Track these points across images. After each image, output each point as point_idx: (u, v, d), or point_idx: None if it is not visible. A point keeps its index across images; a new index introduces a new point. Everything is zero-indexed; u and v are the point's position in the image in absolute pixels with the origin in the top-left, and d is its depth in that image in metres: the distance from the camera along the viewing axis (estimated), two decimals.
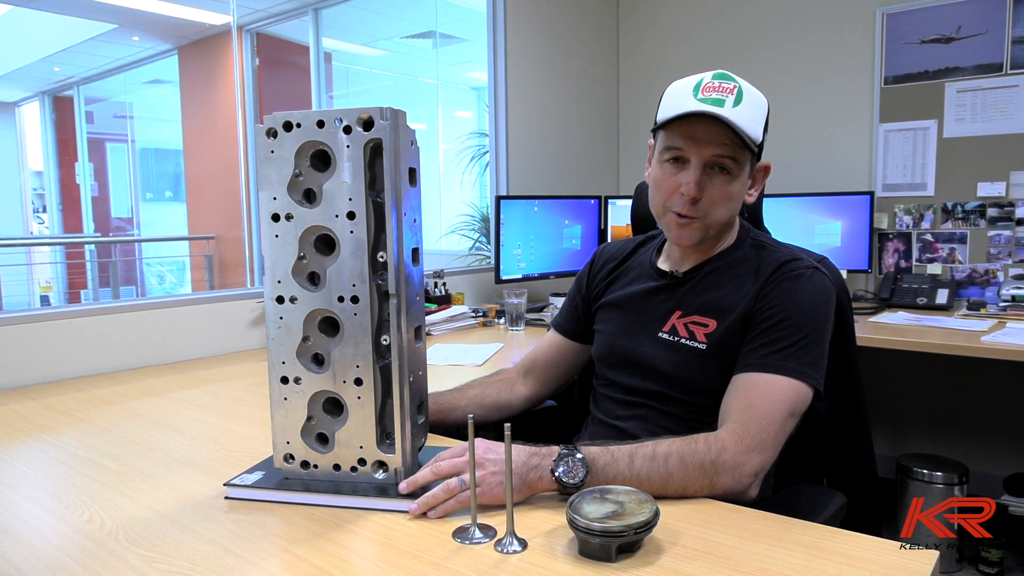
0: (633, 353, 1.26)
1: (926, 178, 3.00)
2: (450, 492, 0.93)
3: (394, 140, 0.94)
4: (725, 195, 1.16)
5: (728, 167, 1.14)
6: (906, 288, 2.91)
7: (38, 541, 0.91)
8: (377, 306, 0.98)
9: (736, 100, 1.11)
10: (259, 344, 2.20)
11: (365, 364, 0.97)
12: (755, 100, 1.15)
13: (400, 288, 0.97)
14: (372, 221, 0.97)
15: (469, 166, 4.88)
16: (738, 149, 1.13)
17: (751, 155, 1.16)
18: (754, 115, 1.13)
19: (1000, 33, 2.80)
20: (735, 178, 1.15)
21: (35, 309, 1.88)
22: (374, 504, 0.96)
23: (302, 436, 1.01)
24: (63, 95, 8.17)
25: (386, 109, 0.94)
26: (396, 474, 0.98)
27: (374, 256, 0.97)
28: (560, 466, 0.95)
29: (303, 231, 0.98)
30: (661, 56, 3.66)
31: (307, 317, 0.99)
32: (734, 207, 1.19)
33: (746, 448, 1.00)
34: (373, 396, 0.98)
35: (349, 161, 0.95)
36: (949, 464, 2.56)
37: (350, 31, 6.06)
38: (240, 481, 1.03)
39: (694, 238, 1.20)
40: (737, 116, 1.10)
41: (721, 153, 1.13)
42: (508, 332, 2.51)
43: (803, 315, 1.12)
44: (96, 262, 7.21)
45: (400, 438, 0.98)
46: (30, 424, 1.45)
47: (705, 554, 0.82)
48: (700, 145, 1.13)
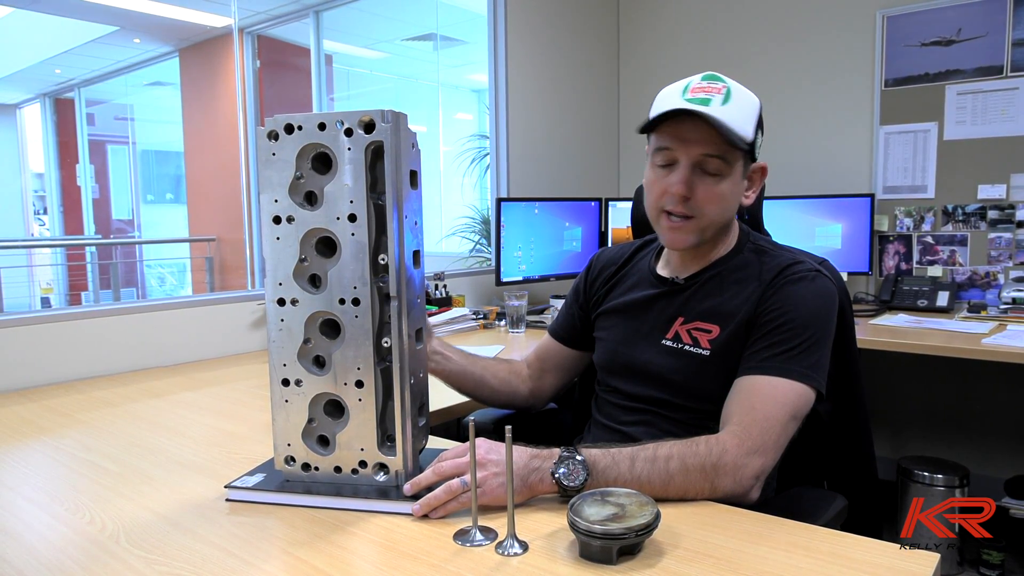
0: (636, 361, 1.26)
1: (926, 180, 3.00)
2: (452, 493, 0.93)
3: (395, 143, 0.94)
4: (715, 195, 1.15)
5: (716, 166, 1.14)
6: (907, 290, 2.91)
7: (39, 543, 0.91)
8: (378, 308, 0.98)
9: (724, 99, 1.11)
10: (260, 346, 2.20)
11: (366, 366, 0.98)
12: (745, 100, 1.15)
13: (401, 290, 0.97)
14: (373, 223, 0.97)
15: (470, 168, 4.88)
16: (726, 148, 1.13)
17: (742, 154, 1.15)
18: (744, 114, 1.13)
19: (1000, 35, 2.80)
20: (725, 178, 1.15)
21: (36, 311, 1.88)
22: (375, 506, 0.96)
23: (303, 438, 1.01)
24: (64, 97, 8.17)
25: (387, 112, 0.94)
26: (397, 476, 0.98)
27: (375, 258, 0.97)
28: (561, 468, 0.95)
29: (304, 233, 0.98)
30: (661, 58, 3.67)
31: (308, 319, 0.99)
32: (727, 208, 1.19)
33: (747, 451, 1.00)
34: (374, 398, 0.98)
35: (350, 164, 0.95)
36: (950, 466, 2.56)
37: (351, 33, 6.07)
38: (241, 483, 1.03)
39: (688, 241, 1.19)
40: (724, 114, 1.10)
41: (708, 152, 1.13)
42: (509, 334, 2.51)
43: (806, 318, 1.12)
44: (97, 264, 7.21)
45: (401, 440, 0.98)
46: (31, 426, 1.45)
47: (706, 556, 0.82)
48: (688, 144, 1.13)
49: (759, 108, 1.17)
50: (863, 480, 1.38)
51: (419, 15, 5.90)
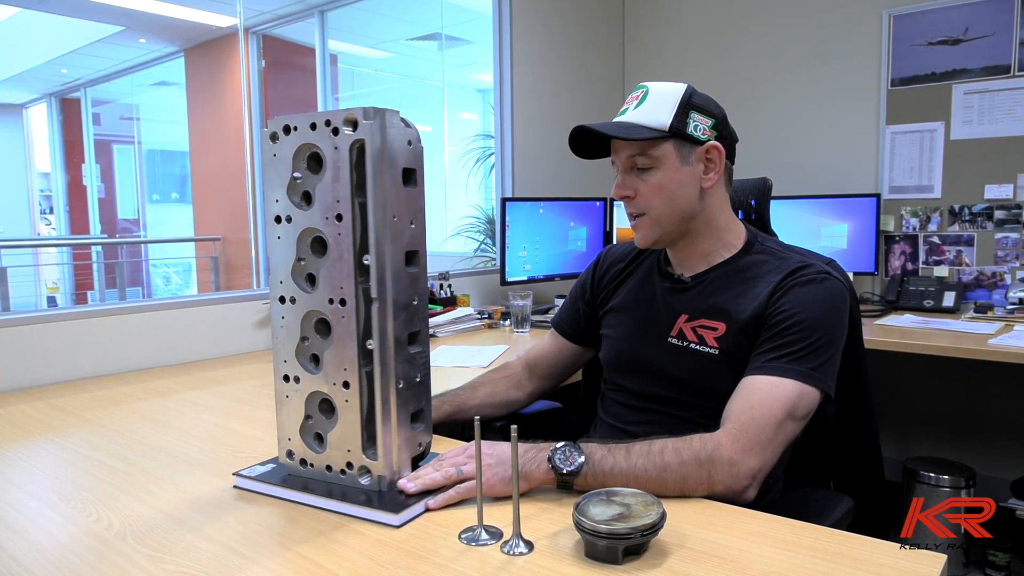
0: (641, 358, 1.26)
1: (933, 180, 2.99)
2: (448, 479, 0.96)
3: (379, 140, 0.92)
4: (654, 187, 1.21)
5: (643, 162, 1.21)
6: (913, 291, 2.90)
7: (46, 541, 0.91)
8: (363, 310, 0.96)
9: (639, 103, 1.21)
10: (265, 345, 2.20)
11: (351, 368, 0.96)
12: (661, 93, 1.20)
13: (383, 292, 0.94)
14: (359, 223, 0.95)
15: (474, 168, 4.88)
16: (644, 145, 1.19)
17: (671, 142, 1.19)
18: (657, 107, 1.19)
19: (1008, 35, 2.79)
20: (657, 169, 1.20)
21: (42, 310, 1.88)
22: (355, 511, 0.94)
23: (301, 434, 1.02)
24: (70, 97, 8.20)
25: (370, 109, 0.91)
26: (379, 481, 0.97)
27: (361, 259, 0.95)
28: (557, 455, 0.97)
29: (300, 233, 0.98)
30: (667, 57, 3.66)
31: (304, 318, 1.00)
32: (673, 196, 1.21)
33: (742, 447, 1.00)
34: (359, 400, 0.97)
35: (337, 163, 0.94)
36: (956, 467, 2.55)
37: (356, 33, 6.08)
38: (249, 472, 1.06)
39: (648, 237, 1.25)
40: (634, 116, 1.19)
41: (631, 153, 1.21)
42: (513, 334, 2.51)
43: (815, 320, 1.12)
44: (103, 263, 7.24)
45: (382, 445, 0.96)
46: (38, 424, 1.45)
47: (711, 557, 0.82)
48: (617, 152, 1.24)
49: (682, 93, 1.20)
50: (870, 481, 1.38)
51: (424, 15, 5.90)
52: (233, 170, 5.96)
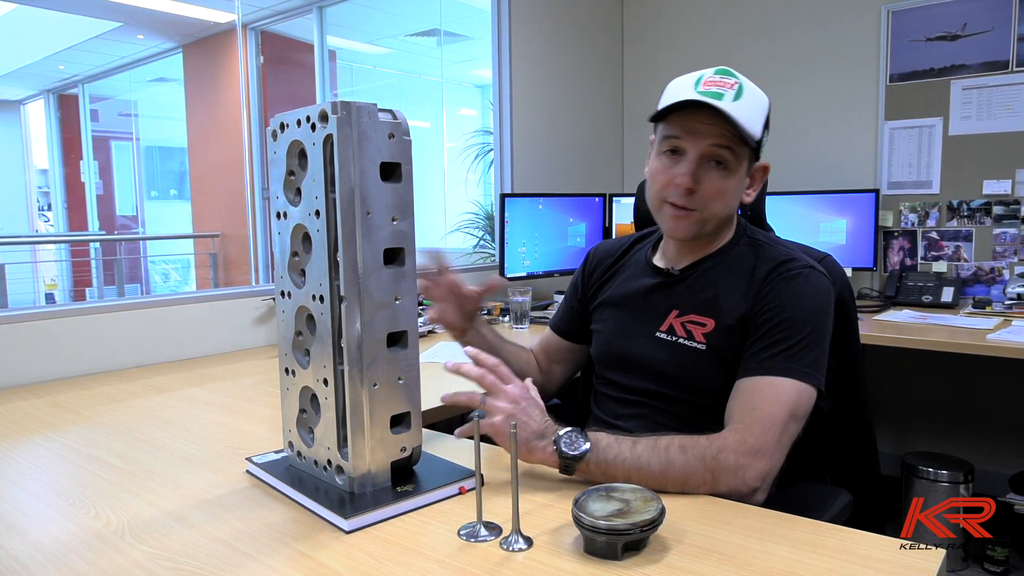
0: (631, 353, 1.26)
1: (931, 176, 2.99)
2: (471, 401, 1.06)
3: (349, 134, 0.88)
4: (720, 190, 1.15)
5: (724, 160, 1.14)
6: (911, 286, 2.90)
7: (44, 538, 0.91)
8: (338, 308, 0.93)
9: (736, 95, 1.11)
10: (264, 342, 2.20)
11: (329, 365, 0.95)
12: (755, 97, 1.15)
13: (351, 290, 0.90)
14: (334, 219, 0.91)
15: (473, 164, 4.87)
16: (736, 143, 1.13)
17: (749, 151, 1.15)
18: (753, 112, 1.13)
19: (1006, 30, 2.79)
20: (732, 173, 1.15)
21: (40, 307, 1.88)
22: (318, 510, 0.94)
23: (297, 427, 1.03)
24: (68, 93, 8.19)
25: (339, 103, 0.88)
26: (351, 483, 0.94)
27: (334, 256, 0.93)
28: (563, 439, 0.98)
29: (292, 228, 0.98)
30: (666, 53, 3.66)
31: (296, 312, 1.00)
32: (730, 203, 1.19)
33: (748, 449, 0.99)
34: (335, 399, 0.95)
35: (313, 158, 0.92)
36: (954, 462, 2.55)
37: (354, 29, 6.06)
38: (260, 459, 1.09)
39: (690, 231, 1.19)
40: (735, 110, 1.10)
41: (718, 144, 1.13)
42: (513, 330, 2.51)
43: (802, 316, 1.11)
44: (101, 260, 7.23)
45: (352, 445, 0.94)
46: (36, 422, 1.45)
47: (711, 552, 0.82)
48: (697, 136, 1.13)
49: (768, 107, 1.17)
50: (867, 475, 1.38)
51: (423, 11, 5.89)
52: (232, 166, 5.94)
